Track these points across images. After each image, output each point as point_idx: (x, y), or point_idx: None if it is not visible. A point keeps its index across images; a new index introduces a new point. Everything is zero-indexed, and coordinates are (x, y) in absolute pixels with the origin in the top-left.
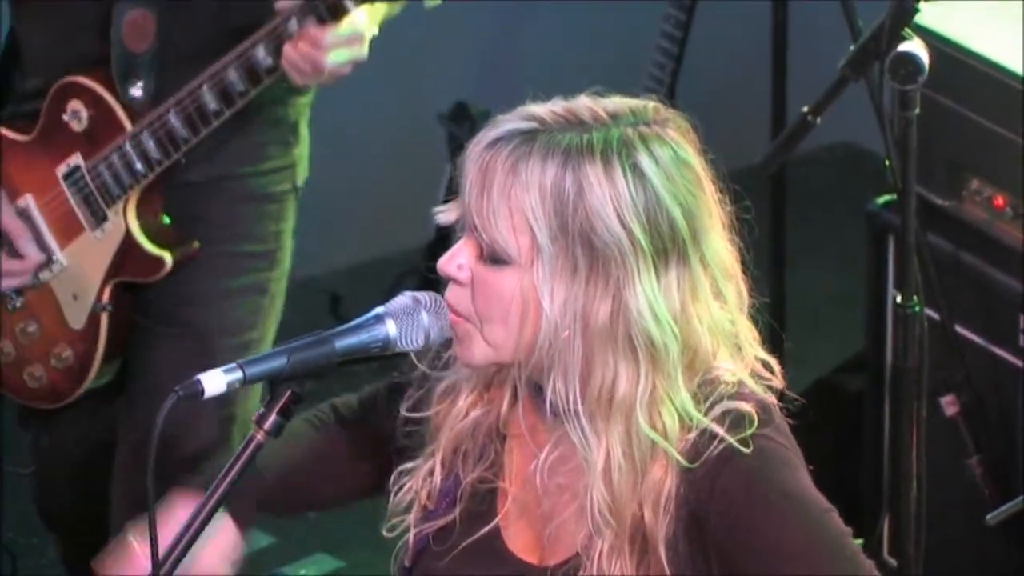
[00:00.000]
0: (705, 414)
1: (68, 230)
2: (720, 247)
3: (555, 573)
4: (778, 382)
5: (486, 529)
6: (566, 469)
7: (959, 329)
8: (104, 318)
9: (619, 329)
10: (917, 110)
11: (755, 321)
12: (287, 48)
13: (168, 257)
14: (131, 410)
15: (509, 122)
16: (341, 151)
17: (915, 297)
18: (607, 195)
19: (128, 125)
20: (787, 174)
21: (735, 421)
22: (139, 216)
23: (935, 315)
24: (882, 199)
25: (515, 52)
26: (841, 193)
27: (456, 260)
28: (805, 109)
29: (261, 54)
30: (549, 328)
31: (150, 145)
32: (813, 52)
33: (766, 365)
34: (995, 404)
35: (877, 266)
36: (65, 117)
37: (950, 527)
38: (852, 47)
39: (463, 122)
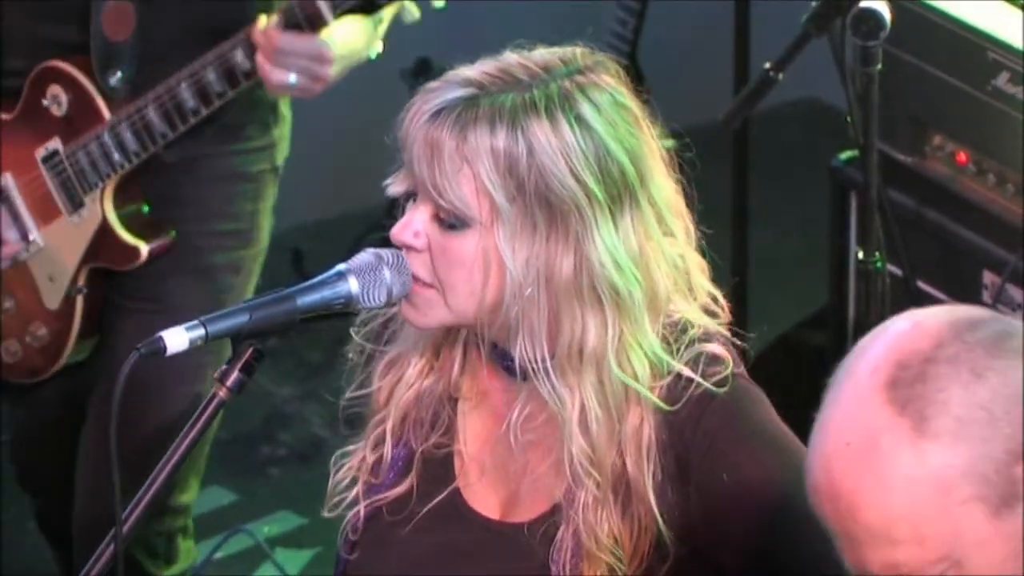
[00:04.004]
0: (679, 357)
1: (46, 212)
2: (664, 184)
3: (531, 528)
4: (724, 316)
5: (446, 492)
6: (535, 425)
7: (921, 285)
8: (79, 300)
9: (583, 281)
10: (879, 66)
11: (716, 279)
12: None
13: (143, 247)
14: (103, 383)
15: (446, 90)
16: (303, 106)
17: (877, 253)
18: (557, 151)
19: (106, 114)
20: (750, 130)
21: (709, 362)
22: (116, 205)
23: (897, 271)
24: (844, 155)
25: (477, 6)
26: (804, 149)
27: (411, 228)
28: (768, 65)
29: (239, 57)
30: (514, 287)
31: (128, 136)
32: (776, 8)
33: (714, 299)
34: None
35: (840, 222)
36: (45, 102)
37: None
38: (814, 3)
39: (426, 77)
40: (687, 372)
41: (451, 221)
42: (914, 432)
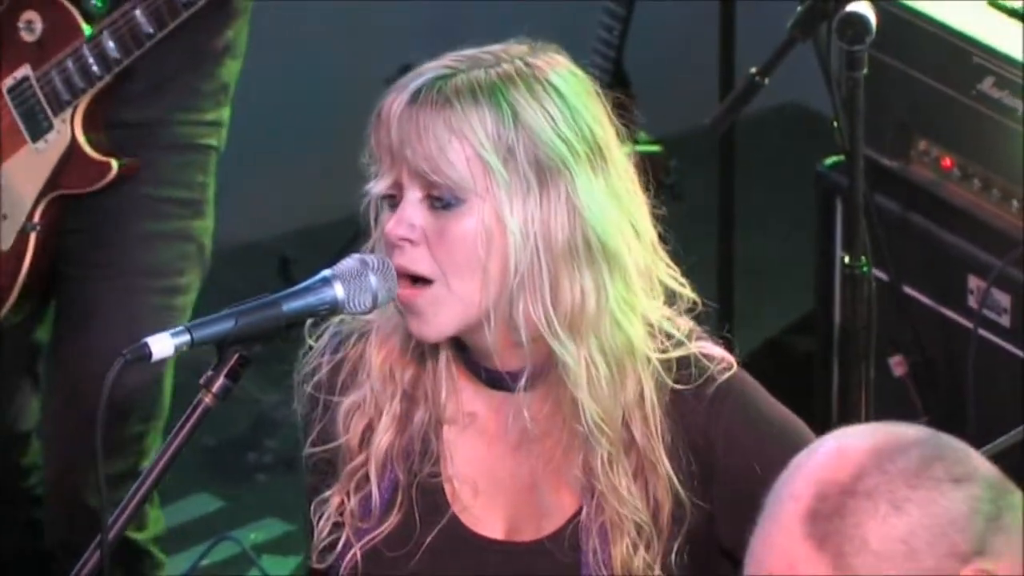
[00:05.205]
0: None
1: (6, 147)
2: (623, 158)
3: (554, 539)
4: (688, 292)
5: (444, 520)
6: (538, 422)
7: (907, 290)
8: (32, 239)
9: (578, 238)
10: (865, 71)
11: (703, 284)
12: None
13: (114, 162)
14: (63, 349)
15: (415, 78)
16: (289, 113)
17: (863, 258)
18: (539, 113)
19: (85, 30)
20: (735, 135)
21: (710, 359)
22: (84, 128)
23: (883, 276)
24: (830, 160)
25: (462, 13)
26: (789, 154)
27: (405, 221)
28: (753, 70)
29: None
30: (516, 253)
31: (109, 45)
32: (761, 13)
33: (677, 292)
34: (943, 364)
35: (825, 227)
36: (19, 25)
37: None
38: (800, 7)
39: None
40: (694, 349)
41: (446, 199)
42: (833, 569)
